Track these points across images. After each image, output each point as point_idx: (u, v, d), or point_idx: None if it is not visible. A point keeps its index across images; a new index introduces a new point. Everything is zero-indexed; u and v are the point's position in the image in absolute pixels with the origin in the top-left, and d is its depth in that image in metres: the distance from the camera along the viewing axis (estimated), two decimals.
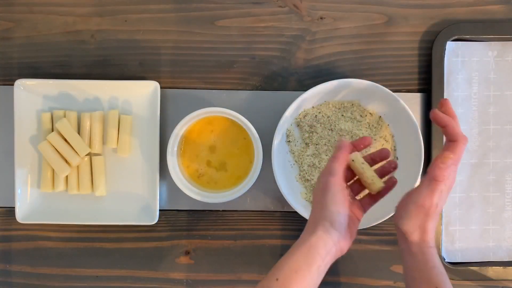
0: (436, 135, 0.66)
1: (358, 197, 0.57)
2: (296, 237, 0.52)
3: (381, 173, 0.57)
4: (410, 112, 0.62)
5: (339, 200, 0.50)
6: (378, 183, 0.54)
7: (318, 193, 0.52)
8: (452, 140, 0.51)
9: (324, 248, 0.49)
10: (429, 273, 0.50)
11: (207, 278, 0.68)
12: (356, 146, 0.56)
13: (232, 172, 0.65)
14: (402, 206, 0.52)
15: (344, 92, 0.64)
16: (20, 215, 0.65)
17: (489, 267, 0.67)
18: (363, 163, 0.54)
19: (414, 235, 0.51)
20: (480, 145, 0.67)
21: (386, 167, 0.57)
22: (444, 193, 0.51)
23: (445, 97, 0.66)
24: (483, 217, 0.67)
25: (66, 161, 0.64)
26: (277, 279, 0.48)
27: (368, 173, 0.54)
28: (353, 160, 0.54)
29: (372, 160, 0.57)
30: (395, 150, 0.66)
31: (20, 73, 0.67)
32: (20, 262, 0.68)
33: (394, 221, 0.53)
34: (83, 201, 0.66)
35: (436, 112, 0.52)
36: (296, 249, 0.50)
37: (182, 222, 0.68)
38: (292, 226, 0.68)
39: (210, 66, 0.68)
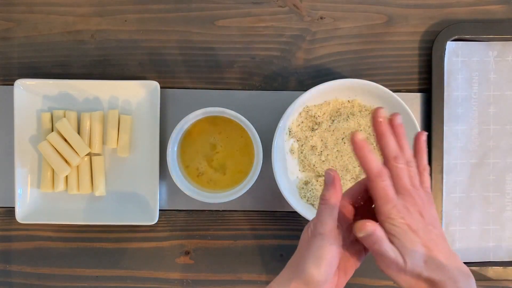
0: (436, 135, 0.66)
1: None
2: (296, 237, 0.52)
3: None
4: (410, 112, 0.62)
5: (324, 263, 0.43)
6: None
7: (302, 243, 0.46)
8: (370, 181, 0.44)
9: None
10: None
11: (207, 278, 0.68)
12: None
13: (232, 172, 0.65)
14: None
15: (344, 92, 0.64)
16: (20, 215, 0.65)
17: (489, 267, 0.66)
18: None
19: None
20: (480, 145, 0.67)
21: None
22: (402, 236, 0.43)
23: (445, 97, 0.66)
24: (483, 217, 0.67)
25: (66, 161, 0.64)
26: None
27: None
28: None
29: None
30: None
31: (20, 73, 0.67)
32: (20, 262, 0.68)
33: None
34: (83, 201, 0.66)
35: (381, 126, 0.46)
36: None
37: (182, 222, 0.68)
38: (292, 226, 0.67)
39: (210, 66, 0.68)
